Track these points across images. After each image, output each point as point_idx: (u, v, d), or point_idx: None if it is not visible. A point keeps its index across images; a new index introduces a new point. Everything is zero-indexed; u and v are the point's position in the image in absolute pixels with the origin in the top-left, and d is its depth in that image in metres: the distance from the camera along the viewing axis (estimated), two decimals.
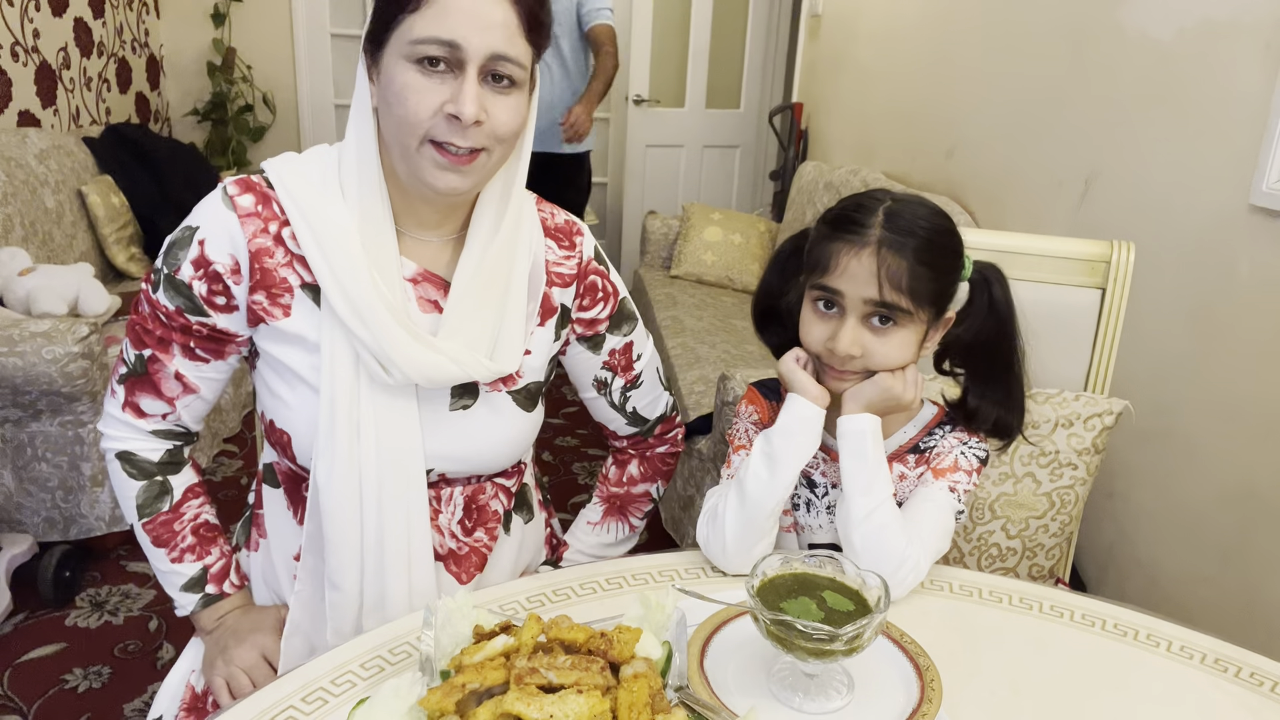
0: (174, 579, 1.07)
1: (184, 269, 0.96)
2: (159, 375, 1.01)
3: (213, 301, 0.97)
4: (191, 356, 1.01)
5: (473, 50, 0.88)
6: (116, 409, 1.03)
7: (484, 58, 0.88)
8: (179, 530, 1.06)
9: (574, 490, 2.82)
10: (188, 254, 0.96)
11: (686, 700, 0.75)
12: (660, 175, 4.86)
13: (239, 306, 0.98)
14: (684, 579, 1.02)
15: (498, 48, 0.88)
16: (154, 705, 1.10)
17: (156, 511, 1.05)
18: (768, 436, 1.03)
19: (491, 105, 0.90)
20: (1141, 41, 1.92)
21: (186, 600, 1.07)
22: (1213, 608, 1.73)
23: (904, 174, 3.10)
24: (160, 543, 1.06)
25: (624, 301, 1.14)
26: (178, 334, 0.99)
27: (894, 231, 0.97)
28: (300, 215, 0.95)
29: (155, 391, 1.02)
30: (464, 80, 0.88)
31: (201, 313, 0.97)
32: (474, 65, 0.88)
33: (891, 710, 0.79)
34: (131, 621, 2.06)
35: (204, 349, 1.01)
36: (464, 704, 0.70)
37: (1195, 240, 1.77)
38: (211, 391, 1.05)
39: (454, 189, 0.93)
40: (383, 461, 0.97)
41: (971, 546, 1.33)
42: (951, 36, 2.82)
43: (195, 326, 0.98)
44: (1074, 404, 1.30)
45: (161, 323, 0.99)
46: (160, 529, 1.06)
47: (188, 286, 0.96)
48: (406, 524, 1.00)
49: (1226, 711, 0.85)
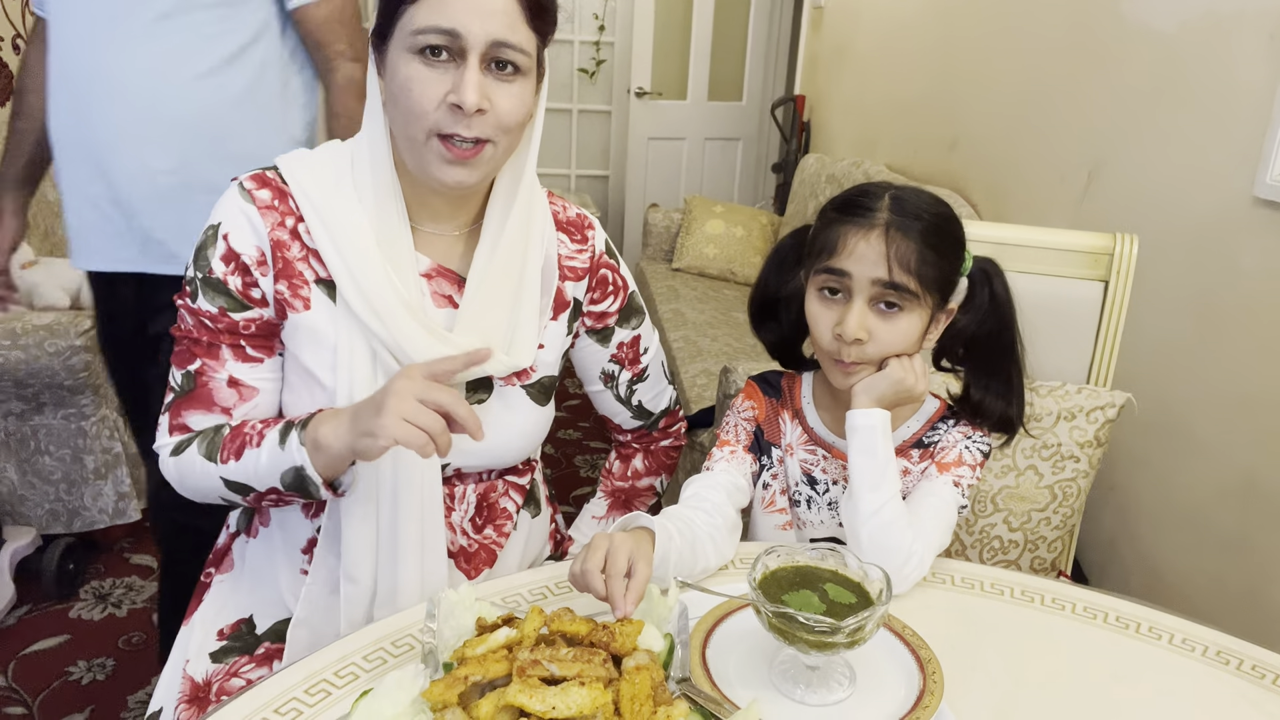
0: (271, 446, 0.92)
1: (215, 267, 0.96)
2: (209, 385, 0.97)
3: (249, 295, 0.97)
4: (244, 357, 0.98)
5: (473, 38, 0.87)
6: (164, 437, 0.99)
7: (485, 45, 0.88)
8: (247, 431, 0.95)
9: (576, 483, 2.83)
10: (216, 251, 0.96)
11: (688, 692, 0.76)
12: (662, 168, 4.85)
13: (268, 300, 0.98)
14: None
15: (498, 34, 0.88)
16: (154, 698, 1.10)
17: (220, 442, 0.96)
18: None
19: (495, 94, 0.90)
20: (1145, 33, 1.92)
21: (293, 439, 0.91)
22: (1214, 600, 1.73)
23: (906, 166, 3.09)
24: (239, 451, 0.94)
25: (633, 295, 1.15)
26: (225, 336, 0.97)
27: (901, 214, 0.97)
28: (314, 211, 0.95)
29: (205, 405, 0.98)
30: (465, 69, 0.88)
31: (244, 307, 0.97)
32: (475, 53, 0.88)
33: (893, 702, 0.79)
34: (135, 614, 2.07)
35: (255, 346, 0.98)
36: (467, 696, 0.70)
37: (1198, 233, 1.76)
38: (270, 395, 1.00)
39: (460, 183, 0.93)
40: (399, 456, 0.97)
41: (973, 539, 1.33)
42: (954, 29, 2.81)
43: (242, 324, 0.97)
44: (1076, 397, 1.30)
45: (207, 329, 0.97)
46: (231, 443, 0.95)
47: (223, 283, 0.96)
48: (420, 518, 1.00)
49: (1228, 704, 0.85)
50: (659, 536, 0.90)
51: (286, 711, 0.77)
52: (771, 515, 1.14)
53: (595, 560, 0.83)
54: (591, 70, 4.85)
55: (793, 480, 1.12)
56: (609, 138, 4.89)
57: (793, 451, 1.12)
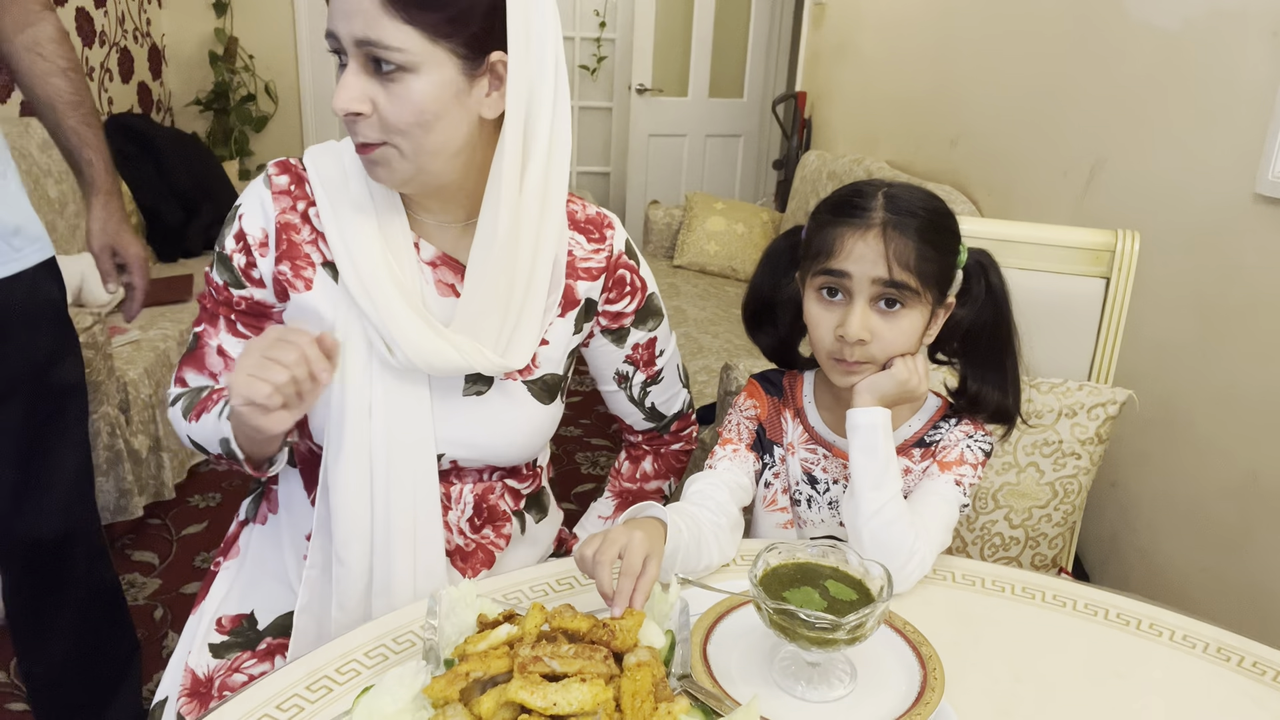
0: (212, 425, 0.96)
1: (228, 243, 1.02)
2: (204, 349, 1.05)
3: (249, 274, 1.02)
4: (234, 331, 1.04)
5: (344, 39, 0.86)
6: (172, 384, 1.07)
7: (353, 45, 0.86)
8: (214, 395, 1.00)
9: (576, 480, 2.83)
10: (231, 230, 1.02)
11: (689, 689, 0.76)
12: (663, 165, 4.85)
13: (265, 282, 1.02)
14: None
15: (358, 32, 0.85)
16: (160, 687, 1.10)
17: (197, 401, 1.01)
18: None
19: (377, 94, 0.87)
20: (1147, 30, 1.91)
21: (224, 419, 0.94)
22: (1215, 597, 1.73)
23: (908, 163, 3.09)
24: (198, 415, 0.99)
25: (651, 297, 1.14)
26: (223, 308, 1.03)
27: (896, 213, 0.97)
28: (325, 195, 0.98)
29: (199, 366, 1.05)
30: (346, 72, 0.87)
31: (241, 285, 1.02)
32: (351, 55, 0.87)
33: (894, 699, 0.79)
34: (136, 610, 2.07)
35: (244, 324, 1.04)
36: (468, 692, 0.70)
37: (1200, 229, 1.76)
38: None
39: (379, 179, 0.94)
40: (392, 442, 0.98)
41: (974, 536, 1.33)
42: (956, 25, 2.81)
43: (236, 300, 1.02)
44: (1078, 393, 1.30)
45: (212, 297, 1.04)
46: (200, 406, 1.00)
47: (229, 259, 1.02)
48: (413, 506, 1.00)
49: (1229, 700, 0.85)
50: (670, 531, 0.89)
51: (288, 708, 0.77)
52: (773, 514, 1.14)
53: (609, 554, 0.80)
54: (592, 67, 4.85)
55: (794, 479, 1.12)
56: (610, 134, 4.89)
57: (794, 450, 1.12)
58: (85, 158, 1.40)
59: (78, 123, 1.38)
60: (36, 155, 2.71)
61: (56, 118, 1.37)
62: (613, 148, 4.91)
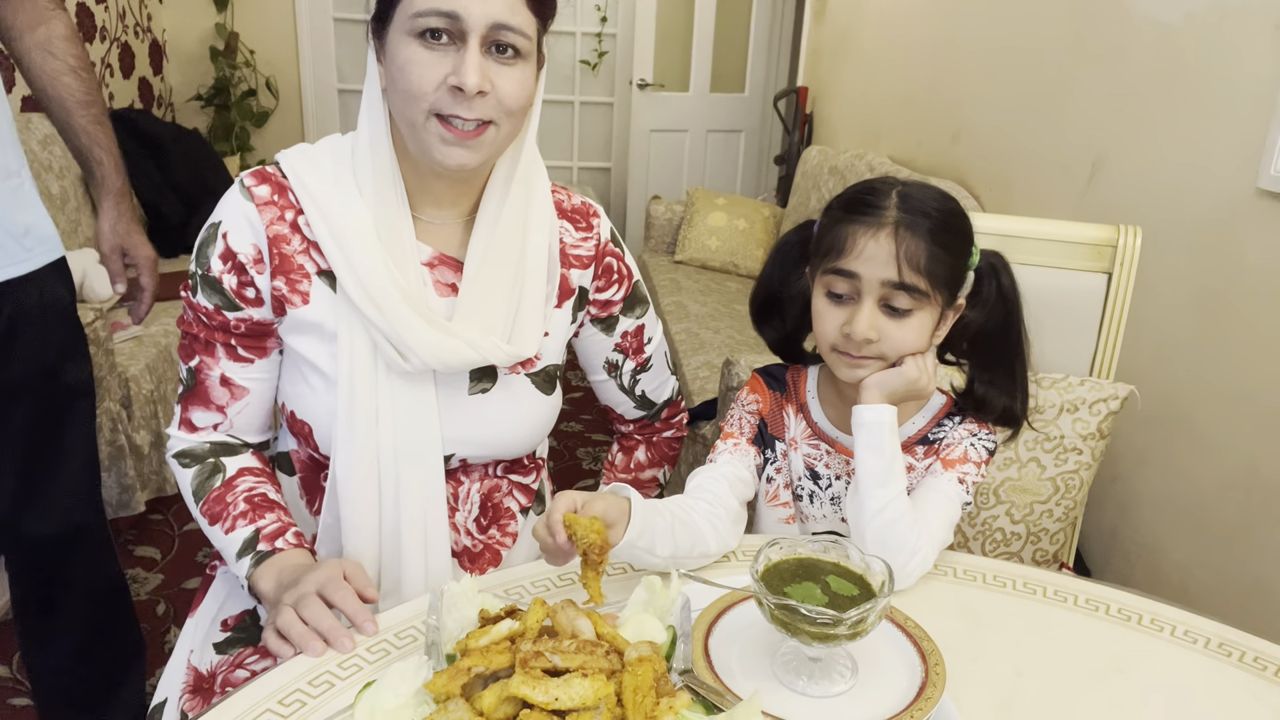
0: (231, 548, 0.98)
1: (214, 265, 0.98)
2: (206, 383, 1.01)
3: (243, 295, 0.98)
4: (235, 357, 1.00)
5: (473, 20, 0.87)
6: (175, 427, 1.04)
7: (485, 27, 0.88)
8: (230, 501, 1.00)
9: (578, 475, 2.83)
10: (215, 249, 0.98)
11: (691, 684, 0.76)
12: (664, 160, 4.84)
13: (264, 299, 0.99)
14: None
15: (498, 17, 0.88)
16: (158, 689, 1.11)
17: (209, 490, 1.01)
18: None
19: (496, 76, 0.90)
20: (1149, 24, 1.91)
21: (242, 567, 0.97)
22: (1216, 592, 1.73)
23: (909, 158, 3.08)
24: (215, 518, 0.99)
25: (637, 284, 1.15)
26: (219, 334, 1.00)
27: (909, 213, 0.96)
28: (313, 203, 0.95)
29: (204, 403, 1.02)
30: (466, 51, 0.88)
31: (236, 307, 0.98)
32: (475, 35, 0.88)
33: (895, 694, 0.79)
34: (139, 606, 2.07)
35: (246, 347, 1.01)
36: (469, 687, 0.70)
37: (1202, 225, 1.76)
38: (262, 396, 1.03)
39: (462, 164, 0.93)
40: (401, 448, 0.98)
41: (976, 531, 1.33)
42: (957, 19, 2.80)
43: (234, 324, 0.99)
44: (1079, 389, 1.30)
45: (204, 324, 1.00)
46: (214, 505, 1.00)
47: (219, 282, 0.98)
48: (424, 511, 1.00)
49: (1230, 695, 0.85)
50: (639, 506, 0.89)
51: (290, 703, 0.78)
52: (775, 509, 1.14)
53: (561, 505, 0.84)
54: (593, 62, 4.83)
55: (796, 474, 1.12)
56: (611, 130, 4.88)
57: (796, 445, 1.12)
58: (96, 158, 1.39)
59: (88, 122, 1.37)
60: (37, 151, 2.71)
61: (67, 117, 1.37)
62: (614, 143, 4.90)
